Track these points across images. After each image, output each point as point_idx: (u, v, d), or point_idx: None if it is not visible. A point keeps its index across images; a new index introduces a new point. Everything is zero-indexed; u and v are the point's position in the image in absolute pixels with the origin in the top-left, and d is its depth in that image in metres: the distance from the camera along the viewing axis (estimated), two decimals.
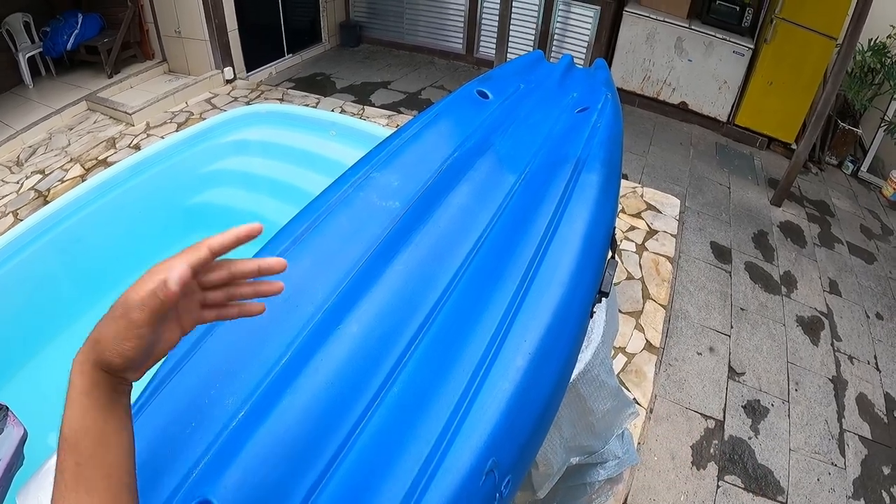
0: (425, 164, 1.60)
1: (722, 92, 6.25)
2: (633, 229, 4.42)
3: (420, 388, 1.05)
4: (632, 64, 6.54)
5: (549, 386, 1.11)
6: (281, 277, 1.27)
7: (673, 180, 5.28)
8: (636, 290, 3.79)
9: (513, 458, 1.02)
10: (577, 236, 1.37)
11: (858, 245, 4.94)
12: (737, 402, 3.23)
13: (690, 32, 6.08)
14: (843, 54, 4.49)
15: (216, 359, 1.15)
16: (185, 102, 6.21)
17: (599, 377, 1.58)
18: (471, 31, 7.53)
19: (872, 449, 3.15)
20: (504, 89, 2.14)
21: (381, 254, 1.30)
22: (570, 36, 6.93)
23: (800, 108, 5.91)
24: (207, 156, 4.04)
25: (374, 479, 0.94)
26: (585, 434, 1.78)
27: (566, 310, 1.20)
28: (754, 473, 2.90)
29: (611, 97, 2.10)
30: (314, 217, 1.42)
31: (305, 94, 6.61)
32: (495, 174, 1.62)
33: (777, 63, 5.77)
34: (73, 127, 5.85)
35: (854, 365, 3.65)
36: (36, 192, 4.66)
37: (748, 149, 6.26)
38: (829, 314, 4.02)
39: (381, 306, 1.19)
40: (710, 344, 3.56)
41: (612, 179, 1.65)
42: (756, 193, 5.37)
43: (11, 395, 2.77)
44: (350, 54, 8.04)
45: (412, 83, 7.11)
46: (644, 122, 6.46)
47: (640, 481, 2.77)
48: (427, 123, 1.82)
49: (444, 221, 1.40)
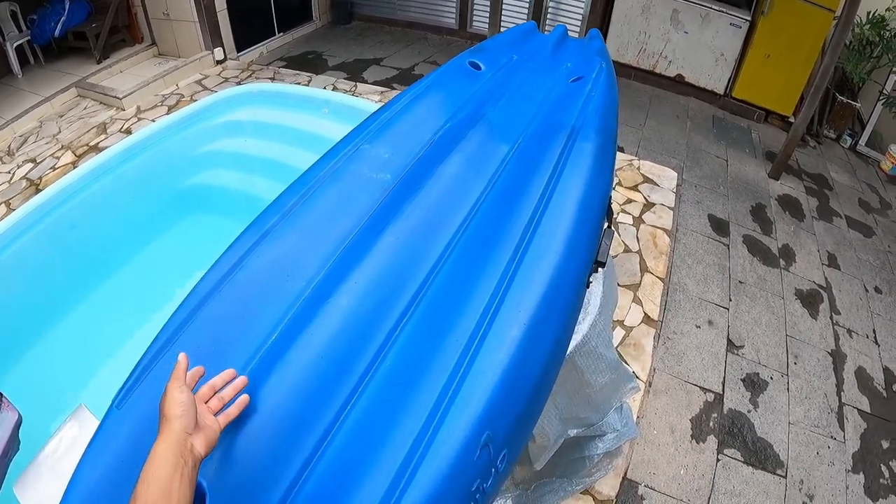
0: (416, 135, 1.57)
1: (719, 64, 6.18)
2: (630, 202, 4.37)
3: (412, 361, 1.03)
4: (627, 36, 6.45)
5: (544, 357, 1.09)
6: (271, 253, 1.25)
7: (670, 153, 5.23)
8: (634, 263, 3.76)
9: (509, 431, 1.00)
10: (571, 205, 1.34)
11: (857, 219, 4.90)
12: (736, 376, 3.22)
13: (686, 4, 5.99)
14: (841, 27, 4.43)
15: (206, 336, 1.13)
16: (176, 85, 6.12)
17: (597, 349, 1.56)
18: (464, 6, 7.42)
19: (871, 423, 3.14)
20: (496, 60, 2.10)
21: (371, 226, 1.27)
22: (564, 8, 6.83)
23: (798, 81, 5.83)
24: (199, 138, 3.99)
25: (366, 454, 0.92)
26: (582, 406, 1.77)
27: (561, 279, 1.18)
28: (754, 447, 2.89)
29: (605, 66, 2.06)
30: (304, 191, 1.39)
31: (297, 72, 6.51)
32: (488, 144, 1.59)
33: (774, 35, 5.69)
34: (64, 114, 5.78)
35: (853, 339, 3.64)
36: (28, 181, 4.61)
37: (745, 122, 6.19)
38: (828, 287, 4.00)
39: (371, 279, 1.16)
40: (709, 317, 3.54)
41: (607, 148, 1.62)
42: (754, 167, 5.32)
43: (9, 383, 2.77)
44: (342, 32, 7.92)
45: (405, 59, 7.01)
46: (640, 96, 6.38)
47: (640, 455, 2.76)
48: (418, 95, 1.78)
49: (435, 192, 1.38)
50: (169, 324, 1.18)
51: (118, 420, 1.04)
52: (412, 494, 0.85)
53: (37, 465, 1.39)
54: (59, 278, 3.39)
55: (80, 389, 2.88)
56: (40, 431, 2.42)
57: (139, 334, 3.04)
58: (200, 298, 1.19)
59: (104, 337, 3.09)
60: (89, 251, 3.50)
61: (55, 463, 1.42)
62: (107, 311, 3.22)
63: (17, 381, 2.83)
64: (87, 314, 3.22)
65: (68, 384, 2.89)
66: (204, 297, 1.19)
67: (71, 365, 2.97)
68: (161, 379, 1.08)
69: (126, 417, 1.04)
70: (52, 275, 3.37)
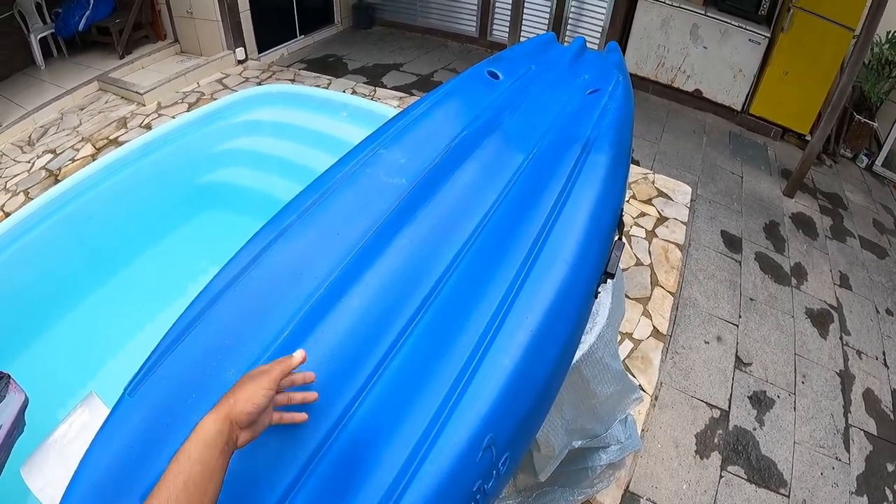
0: (433, 142, 1.59)
1: (737, 80, 6.17)
2: (644, 215, 4.38)
3: (420, 363, 1.05)
4: (646, 50, 6.47)
5: (550, 364, 1.11)
6: (286, 251, 1.27)
7: (685, 168, 5.23)
8: (644, 277, 3.76)
9: (511, 434, 1.02)
10: (582, 216, 1.35)
11: (870, 239, 4.87)
12: (743, 393, 3.21)
13: (706, 19, 6.00)
14: (859, 45, 4.41)
15: (217, 331, 1.15)
16: (197, 83, 6.20)
17: (603, 360, 1.57)
18: (484, 15, 7.46)
19: (877, 445, 3.12)
20: (515, 70, 2.12)
21: (385, 229, 1.29)
22: (584, 20, 6.86)
23: (815, 99, 5.81)
24: (218, 136, 4.03)
25: (371, 451, 0.94)
26: (588, 417, 1.78)
27: (569, 288, 1.20)
28: (757, 465, 2.88)
29: (622, 80, 2.08)
30: (320, 192, 1.41)
31: (317, 75, 6.58)
32: (503, 153, 1.61)
33: (793, 53, 5.68)
34: (85, 107, 5.86)
35: (862, 360, 3.61)
36: (47, 172, 4.68)
37: (762, 138, 6.18)
38: (839, 308, 3.98)
39: (383, 281, 1.18)
40: (718, 333, 3.54)
41: (620, 161, 1.63)
42: (769, 184, 5.31)
43: (21, 369, 2.81)
44: (362, 36, 7.99)
45: (424, 65, 7.05)
46: (657, 109, 6.39)
47: (643, 468, 2.76)
48: (436, 102, 1.80)
49: (449, 198, 1.40)
50: (185, 315, 1.20)
51: (130, 407, 1.06)
52: (414, 491, 0.87)
53: (45, 450, 1.41)
54: (75, 269, 3.44)
55: (91, 378, 2.92)
56: (50, 418, 2.46)
57: (151, 327, 3.09)
58: (217, 292, 1.22)
59: (116, 328, 3.14)
60: (105, 243, 3.55)
61: (64, 448, 1.44)
62: (120, 304, 3.27)
63: (28, 367, 2.88)
64: (101, 305, 3.26)
65: (79, 373, 2.93)
66: (220, 291, 1.21)
67: (82, 354, 3.01)
68: (175, 369, 1.11)
69: (138, 405, 1.06)
70: (67, 265, 3.41)
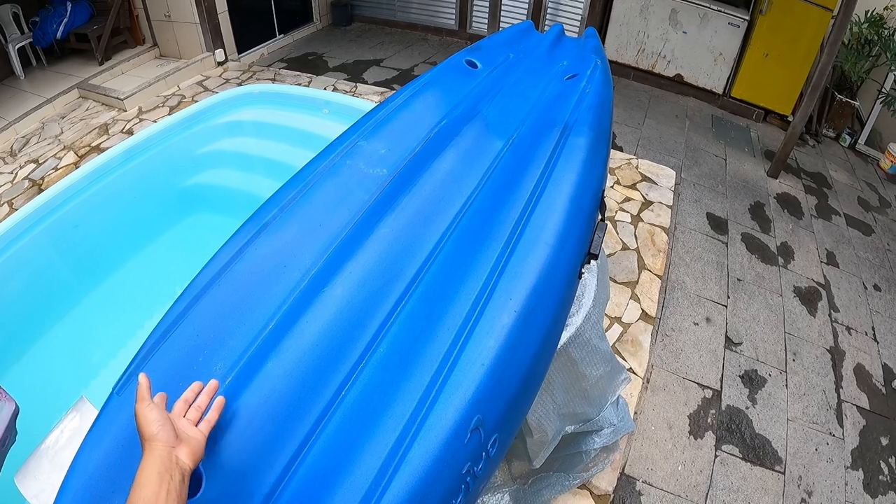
0: (413, 131, 1.59)
1: (717, 64, 6.20)
2: (629, 200, 4.39)
3: (405, 348, 1.05)
4: (626, 37, 6.48)
5: (535, 344, 1.11)
6: (269, 245, 1.27)
7: (668, 152, 5.25)
8: (632, 261, 3.77)
9: (499, 416, 1.02)
10: (563, 198, 1.36)
11: (856, 217, 4.91)
12: (734, 372, 3.23)
13: (685, 4, 6.01)
14: (838, 25, 4.44)
15: (203, 326, 1.16)
16: (177, 86, 6.16)
17: (591, 341, 1.58)
18: (463, 7, 7.45)
19: (870, 419, 3.14)
20: (493, 59, 2.12)
21: (367, 219, 1.30)
22: (563, 9, 6.86)
23: (796, 80, 5.85)
24: (201, 138, 4.02)
25: (360, 436, 0.95)
26: (579, 400, 1.78)
27: (552, 270, 1.20)
28: (752, 443, 2.90)
29: (600, 63, 2.09)
30: (301, 186, 1.41)
31: (298, 73, 6.55)
32: (483, 140, 1.61)
33: (773, 35, 5.71)
34: (66, 115, 5.81)
35: (852, 335, 3.64)
36: (30, 182, 4.63)
37: (744, 121, 6.21)
38: (827, 285, 4.01)
39: (366, 269, 1.19)
40: (707, 314, 3.56)
41: (600, 143, 1.64)
42: (752, 165, 5.34)
43: (11, 378, 2.79)
44: (342, 33, 7.97)
45: (405, 60, 7.04)
46: (639, 95, 6.40)
47: (638, 451, 2.77)
48: (415, 93, 1.81)
49: (430, 186, 1.40)
50: (170, 312, 1.21)
51: (118, 406, 1.06)
52: (404, 474, 0.88)
53: (38, 457, 1.41)
54: (62, 277, 3.43)
55: (82, 384, 2.91)
56: (41, 424, 2.45)
57: (140, 332, 3.07)
58: (201, 288, 1.22)
59: (105, 334, 3.13)
60: (91, 250, 3.53)
61: (56, 454, 1.44)
62: (108, 309, 3.26)
63: (19, 376, 2.87)
64: (89, 312, 3.25)
65: (70, 379, 2.92)
66: (204, 287, 1.22)
67: (72, 361, 3.00)
68: (162, 365, 1.11)
69: (126, 404, 1.06)
70: (54, 273, 3.40)
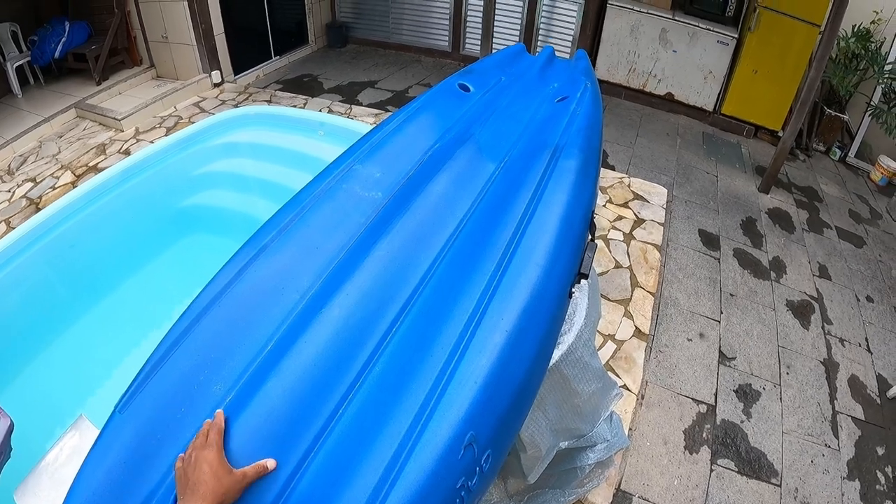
0: (407, 155, 1.63)
1: (707, 82, 6.29)
2: (621, 219, 4.44)
3: (401, 367, 1.09)
4: (617, 56, 6.57)
5: (527, 362, 1.15)
6: (268, 267, 1.30)
7: (660, 170, 5.32)
8: (624, 279, 3.82)
9: (492, 432, 1.05)
10: (554, 219, 1.40)
11: (847, 229, 4.96)
12: (728, 387, 3.25)
13: (674, 23, 6.12)
14: (825, 40, 4.52)
15: (203, 347, 1.18)
16: (174, 107, 6.21)
17: (583, 359, 1.61)
18: (456, 29, 7.56)
19: (866, 430, 3.17)
20: (485, 82, 2.17)
21: (363, 241, 1.33)
22: (555, 30, 6.96)
23: (786, 95, 5.94)
24: (197, 159, 4.06)
25: (356, 453, 0.97)
26: (572, 416, 1.81)
27: (543, 290, 1.24)
28: (747, 456, 2.91)
29: (590, 85, 2.14)
30: (298, 209, 1.45)
31: (293, 95, 6.62)
32: (475, 163, 1.65)
33: (761, 51, 5.81)
34: (63, 134, 5.84)
35: (845, 347, 3.67)
36: (28, 200, 4.66)
37: (735, 137, 6.29)
38: (820, 298, 4.05)
39: (362, 291, 1.22)
40: (701, 330, 3.59)
41: (590, 165, 1.68)
42: (744, 181, 5.40)
43: (9, 396, 2.80)
44: (337, 55, 8.06)
45: (399, 82, 7.13)
46: (630, 114, 6.49)
47: (633, 466, 2.79)
48: (409, 117, 1.85)
49: (424, 209, 1.44)
50: (171, 333, 1.23)
51: (121, 424, 1.09)
52: (399, 490, 0.90)
53: (37, 474, 1.43)
54: (58, 296, 3.44)
55: (79, 402, 2.93)
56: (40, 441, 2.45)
57: (136, 351, 3.09)
58: (201, 309, 1.25)
59: (102, 353, 3.15)
60: (88, 269, 3.55)
61: (55, 471, 1.46)
62: (105, 328, 3.28)
63: (17, 394, 2.88)
64: (86, 331, 3.27)
65: (67, 397, 2.94)
66: (204, 308, 1.25)
67: (70, 379, 3.02)
68: (163, 385, 1.14)
69: (129, 422, 1.09)
70: (51, 292, 3.42)
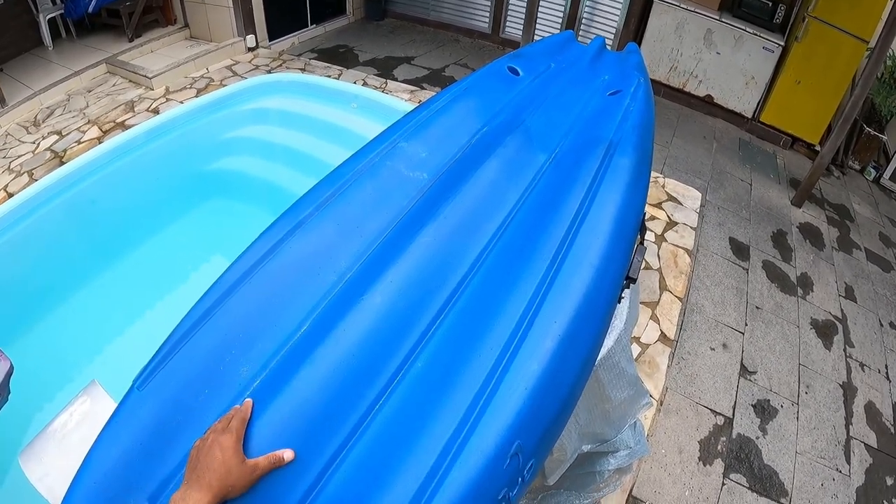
0: (454, 136, 1.56)
1: (749, 87, 6.14)
2: (654, 219, 4.35)
3: (445, 365, 1.02)
4: (659, 53, 6.43)
5: (575, 370, 1.08)
6: (304, 244, 1.23)
7: (695, 173, 5.21)
8: (654, 281, 3.74)
9: (538, 441, 0.99)
10: (608, 220, 1.32)
11: (876, 252, 4.85)
12: (747, 401, 3.20)
13: (720, 25, 5.96)
14: (874, 58, 4.38)
15: (232, 325, 1.11)
16: (206, 69, 6.15)
17: (620, 364, 1.54)
18: (498, 11, 7.41)
19: (878, 458, 3.11)
20: (535, 67, 2.09)
21: (407, 225, 1.26)
22: (597, 21, 6.82)
23: (826, 109, 5.78)
24: (226, 123, 4.01)
25: (394, 456, 0.91)
26: (600, 421, 1.75)
27: (596, 293, 1.16)
28: (759, 473, 2.87)
29: (643, 82, 2.05)
30: (339, 184, 1.38)
31: (328, 65, 6.52)
32: (525, 152, 1.58)
33: (806, 62, 5.65)
34: (92, 89, 5.81)
35: (865, 372, 3.60)
36: (52, 153, 4.63)
37: (771, 147, 6.15)
38: (844, 319, 3.96)
39: (406, 278, 1.15)
40: (724, 340, 3.52)
41: (643, 165, 1.60)
42: (777, 192, 5.29)
43: (24, 350, 2.78)
44: (374, 28, 7.95)
45: (436, 60, 7.01)
46: (668, 113, 6.36)
47: (646, 473, 2.74)
48: (457, 96, 1.77)
49: (472, 196, 1.37)
50: (197, 306, 1.17)
51: (139, 402, 1.03)
52: (442, 498, 0.84)
53: (45, 438, 1.37)
54: (76, 252, 3.42)
55: (91, 363, 2.90)
56: (48, 402, 2.43)
57: (152, 316, 3.06)
58: (230, 285, 1.18)
59: (117, 314, 3.11)
60: (108, 227, 3.52)
61: (64, 437, 1.41)
62: (120, 288, 3.24)
63: (29, 351, 2.85)
64: (101, 290, 3.24)
65: (80, 357, 2.91)
66: (233, 285, 1.18)
67: (83, 339, 2.99)
68: (187, 363, 1.07)
69: (148, 400, 1.03)
70: (69, 248, 3.39)
